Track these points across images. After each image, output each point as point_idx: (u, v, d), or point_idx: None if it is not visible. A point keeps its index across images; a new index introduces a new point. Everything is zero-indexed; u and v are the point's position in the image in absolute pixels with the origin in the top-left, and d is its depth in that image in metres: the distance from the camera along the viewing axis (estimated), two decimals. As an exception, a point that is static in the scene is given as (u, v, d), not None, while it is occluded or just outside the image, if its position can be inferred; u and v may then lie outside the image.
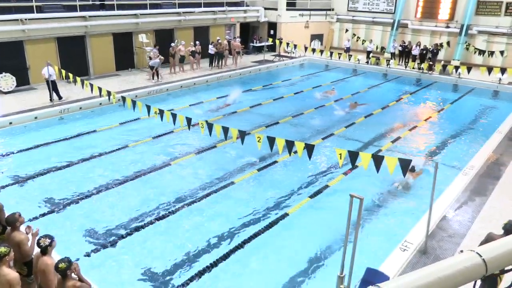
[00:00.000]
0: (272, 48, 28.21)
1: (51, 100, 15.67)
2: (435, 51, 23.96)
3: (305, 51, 25.60)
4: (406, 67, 24.26)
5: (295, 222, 8.86)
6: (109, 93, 12.28)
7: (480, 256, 1.26)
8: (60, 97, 16.07)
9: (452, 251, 7.61)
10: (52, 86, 15.55)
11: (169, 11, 22.81)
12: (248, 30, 29.15)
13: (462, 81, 21.89)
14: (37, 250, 5.55)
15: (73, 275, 5.16)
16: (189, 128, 10.54)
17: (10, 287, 4.93)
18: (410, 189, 10.55)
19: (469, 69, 20.03)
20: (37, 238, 5.65)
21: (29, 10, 17.52)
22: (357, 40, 28.40)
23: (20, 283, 5.07)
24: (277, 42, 25.75)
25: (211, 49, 22.72)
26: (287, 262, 7.60)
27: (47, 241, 5.37)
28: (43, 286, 5.52)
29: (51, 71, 15.36)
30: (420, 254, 7.46)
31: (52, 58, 17.52)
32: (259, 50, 27.99)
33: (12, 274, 5.00)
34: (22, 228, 6.20)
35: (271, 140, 8.72)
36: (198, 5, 24.50)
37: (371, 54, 25.86)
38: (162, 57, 19.51)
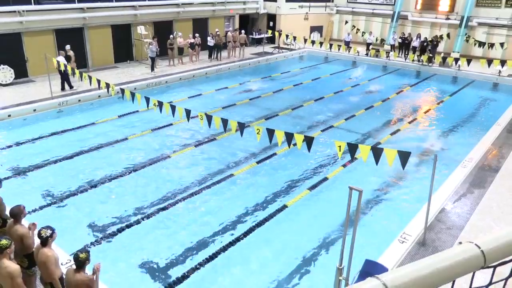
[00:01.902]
0: (271, 40, 28.09)
1: (70, 88, 16.33)
2: (435, 43, 23.88)
3: (305, 43, 25.51)
4: (406, 59, 24.20)
5: (294, 214, 8.89)
6: (108, 86, 12.24)
7: (479, 247, 1.26)
8: (65, 88, 16.35)
9: (451, 243, 7.65)
10: (64, 76, 15.86)
11: (168, 3, 22.66)
12: (247, 22, 29.00)
13: (461, 73, 21.85)
14: (37, 241, 5.57)
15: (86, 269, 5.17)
16: (188, 120, 10.52)
17: (11, 279, 4.95)
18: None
19: (469, 61, 19.99)
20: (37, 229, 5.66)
21: (26, 1, 17.38)
22: (356, 32, 28.28)
23: (21, 275, 5.09)
24: (277, 34, 25.65)
25: (210, 41, 22.65)
26: (286, 253, 7.64)
27: (48, 232, 5.37)
28: (44, 277, 5.54)
29: (64, 61, 15.70)
30: (418, 246, 7.50)
31: (50, 50, 17.44)
32: (259, 42, 27.87)
33: (13, 266, 5.02)
34: (26, 223, 6.22)
35: (270, 132, 8.71)
36: (197, -4, 24.35)
37: (370, 46, 25.77)
38: (152, 41, 19.43)
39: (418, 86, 20.46)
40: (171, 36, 21.09)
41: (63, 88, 16.29)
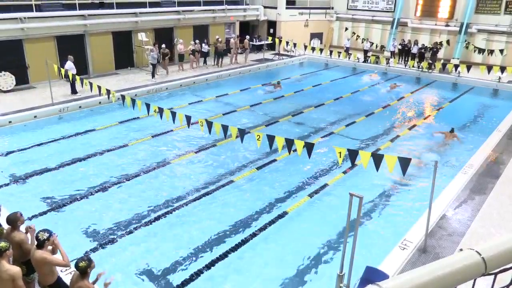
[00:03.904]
0: (271, 46, 28.19)
1: (73, 93, 16.56)
2: (434, 49, 23.94)
3: (305, 50, 25.58)
4: (405, 65, 24.26)
5: (294, 221, 8.86)
6: (108, 92, 12.27)
7: (480, 254, 1.26)
8: (76, 92, 16.60)
9: (452, 249, 7.62)
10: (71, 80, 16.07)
11: (169, 10, 22.78)
12: (247, 29, 29.13)
13: (461, 79, 21.88)
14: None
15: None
16: (188, 126, 10.53)
17: (12, 282, 4.95)
18: (448, 148, 13.09)
19: (468, 68, 20.02)
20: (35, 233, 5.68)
21: (28, 8, 17.49)
22: (356, 39, 28.38)
23: (21, 277, 5.10)
24: (277, 40, 25.74)
25: (204, 48, 22.77)
26: (286, 260, 7.60)
27: (45, 235, 5.39)
28: (42, 280, 5.53)
29: (71, 65, 16.04)
30: (419, 253, 7.47)
31: (51, 57, 17.51)
32: (259, 48, 27.96)
33: (14, 268, 5.05)
34: (23, 228, 6.21)
35: (271, 139, 8.71)
36: (198, 3, 24.46)
37: (370, 53, 25.81)
38: (152, 48, 19.51)
39: (418, 92, 20.48)
40: (163, 45, 20.70)
41: (74, 92, 16.51)
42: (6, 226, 6.07)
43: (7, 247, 5.05)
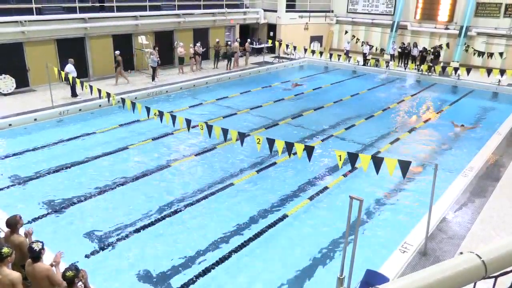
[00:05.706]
0: (271, 49, 28.24)
1: (74, 95, 16.65)
2: (436, 53, 23.93)
3: (305, 53, 25.63)
4: (405, 68, 24.28)
5: (294, 224, 8.85)
6: (108, 95, 12.28)
7: (480, 257, 1.26)
8: (77, 95, 16.67)
9: (452, 252, 7.61)
10: (72, 83, 16.11)
11: (169, 13, 22.83)
12: (247, 32, 29.19)
13: (461, 82, 21.91)
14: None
15: (80, 283, 5.05)
16: (188, 129, 10.54)
17: (13, 287, 4.93)
18: (459, 140, 14.00)
19: (468, 71, 20.03)
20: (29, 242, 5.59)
21: (28, 11, 17.53)
22: (356, 42, 28.45)
23: (21, 282, 5.07)
24: (277, 43, 25.78)
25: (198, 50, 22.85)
26: (286, 263, 7.59)
27: (40, 244, 5.30)
28: None
29: (71, 68, 16.15)
30: (419, 256, 7.46)
31: (51, 60, 17.54)
32: (259, 51, 28.01)
33: (14, 273, 5.02)
34: (21, 231, 6.20)
35: (271, 142, 8.71)
36: (198, 7, 24.52)
37: (370, 56, 25.86)
38: (152, 51, 19.54)
39: (418, 95, 20.50)
40: (117, 52, 19.29)
41: (74, 95, 16.58)
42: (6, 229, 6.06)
43: (9, 253, 5.01)
